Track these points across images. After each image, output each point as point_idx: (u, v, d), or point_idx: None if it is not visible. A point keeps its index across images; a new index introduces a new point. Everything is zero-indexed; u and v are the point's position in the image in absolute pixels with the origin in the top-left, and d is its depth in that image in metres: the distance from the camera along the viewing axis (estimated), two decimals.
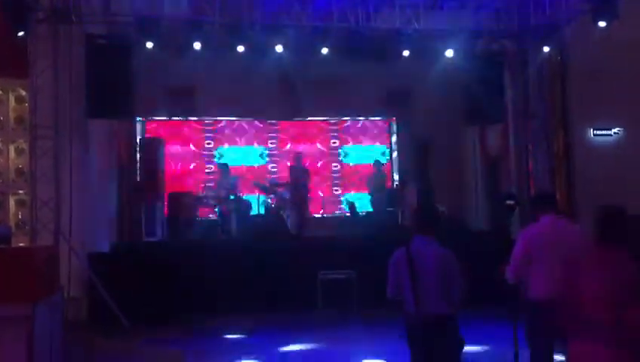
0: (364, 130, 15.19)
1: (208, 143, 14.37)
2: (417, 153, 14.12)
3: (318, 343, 8.17)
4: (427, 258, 4.44)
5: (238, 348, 8.02)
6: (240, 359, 7.39)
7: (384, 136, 15.26)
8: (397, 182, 14.35)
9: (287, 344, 8.12)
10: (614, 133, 11.80)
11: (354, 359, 7.28)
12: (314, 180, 13.63)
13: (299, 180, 12.44)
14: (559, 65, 11.78)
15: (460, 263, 4.48)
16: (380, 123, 15.23)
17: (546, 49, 11.36)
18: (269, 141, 14.68)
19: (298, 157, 12.94)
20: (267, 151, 14.66)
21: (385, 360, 7.09)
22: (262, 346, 8.05)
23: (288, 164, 13.58)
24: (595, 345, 3.33)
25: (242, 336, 8.73)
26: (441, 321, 4.39)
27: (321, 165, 14.78)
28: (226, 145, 14.39)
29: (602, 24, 9.97)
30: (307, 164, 13.42)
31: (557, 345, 4.61)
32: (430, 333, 4.37)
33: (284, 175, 13.81)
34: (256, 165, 14.52)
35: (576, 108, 11.68)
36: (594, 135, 11.76)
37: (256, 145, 14.62)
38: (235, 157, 14.26)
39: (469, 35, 11.23)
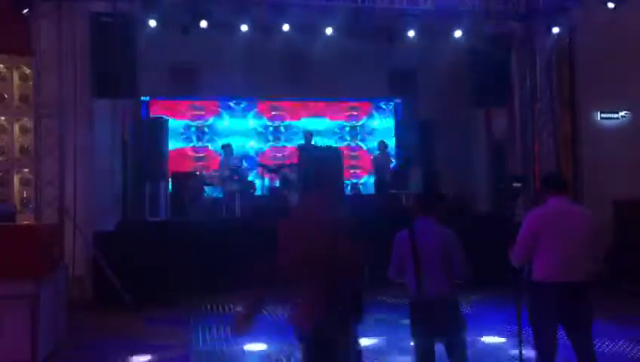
0: (368, 112, 15.13)
1: (212, 123, 14.32)
2: (422, 135, 14.07)
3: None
4: (429, 239, 4.44)
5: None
6: (246, 339, 7.41)
7: (388, 117, 15.19)
8: (401, 165, 14.29)
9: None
10: (621, 116, 11.72)
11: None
12: None
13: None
14: (567, 47, 11.66)
15: (462, 243, 4.47)
16: (384, 104, 15.16)
17: (554, 30, 11.26)
18: (273, 121, 14.63)
19: (307, 135, 12.83)
20: (271, 131, 14.61)
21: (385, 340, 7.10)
22: (266, 323, 8.07)
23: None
24: None
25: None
26: (443, 302, 4.38)
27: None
28: (228, 124, 14.37)
29: (611, 5, 9.87)
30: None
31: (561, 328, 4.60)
32: (433, 314, 4.37)
33: (288, 155, 13.81)
34: (260, 145, 14.49)
35: (584, 91, 11.58)
36: (601, 118, 11.67)
37: (259, 125, 14.58)
38: (239, 137, 14.24)
39: (476, 16, 11.11)
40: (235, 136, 14.15)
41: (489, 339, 6.92)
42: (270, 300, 3.80)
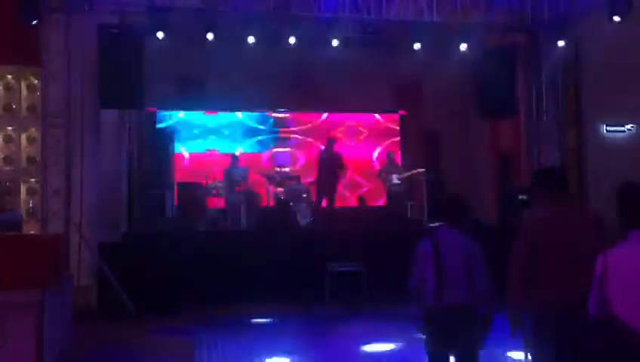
0: (373, 123, 15.15)
1: (219, 134, 14.36)
2: (427, 147, 14.08)
3: (323, 336, 8.17)
4: (452, 248, 4.40)
5: (248, 337, 8.04)
6: (249, 349, 7.40)
7: (394, 129, 15.20)
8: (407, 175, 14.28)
9: (296, 335, 8.13)
10: (627, 129, 11.69)
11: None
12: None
13: (328, 166, 12.32)
14: (573, 59, 11.67)
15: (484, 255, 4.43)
16: (390, 116, 15.17)
17: (559, 43, 11.27)
18: (279, 133, 14.66)
19: (330, 141, 12.76)
20: (277, 143, 14.65)
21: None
22: (269, 336, 8.06)
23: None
24: None
25: (251, 326, 8.76)
26: (462, 314, 4.32)
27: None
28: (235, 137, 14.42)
29: (617, 19, 9.88)
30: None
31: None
32: (449, 324, 4.32)
33: (295, 167, 13.86)
34: (266, 157, 14.52)
35: (589, 103, 11.57)
36: (606, 131, 11.65)
37: (267, 136, 14.63)
38: (245, 148, 14.27)
39: (482, 28, 11.14)
40: (240, 145, 14.21)
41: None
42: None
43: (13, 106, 10.08)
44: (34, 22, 9.37)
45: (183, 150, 13.93)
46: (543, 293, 4.02)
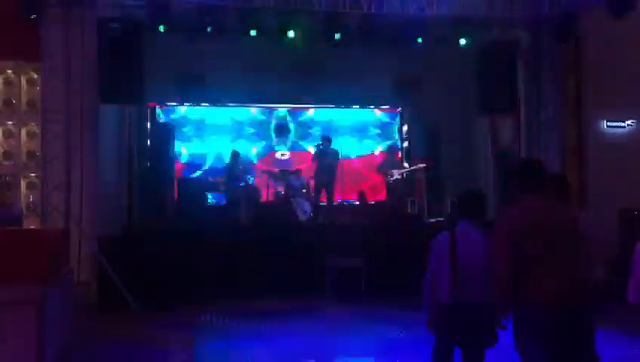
0: (373, 118, 15.13)
1: (218, 129, 14.35)
2: (427, 142, 14.07)
3: (324, 332, 8.18)
4: (472, 246, 4.35)
5: (248, 333, 8.05)
6: (249, 345, 7.41)
7: (394, 124, 15.17)
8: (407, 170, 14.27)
9: (296, 331, 8.14)
10: (628, 124, 11.69)
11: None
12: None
13: (326, 162, 12.32)
14: (573, 55, 11.65)
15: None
16: (389, 111, 15.15)
17: (561, 39, 11.24)
18: (279, 127, 14.65)
19: (326, 139, 12.80)
20: (277, 139, 14.63)
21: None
22: (269, 332, 8.07)
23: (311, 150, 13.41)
24: None
25: (251, 322, 8.77)
26: (478, 311, 4.24)
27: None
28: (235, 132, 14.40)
29: (618, 16, 9.85)
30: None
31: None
32: (460, 320, 4.29)
33: (297, 163, 13.86)
34: (266, 152, 14.51)
35: (590, 99, 11.56)
36: (607, 126, 11.64)
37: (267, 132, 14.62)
38: (245, 143, 14.26)
39: (483, 24, 11.12)
40: (241, 141, 14.19)
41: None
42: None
43: (13, 101, 10.07)
44: (33, 17, 9.34)
45: (183, 146, 13.91)
46: (542, 292, 3.87)
